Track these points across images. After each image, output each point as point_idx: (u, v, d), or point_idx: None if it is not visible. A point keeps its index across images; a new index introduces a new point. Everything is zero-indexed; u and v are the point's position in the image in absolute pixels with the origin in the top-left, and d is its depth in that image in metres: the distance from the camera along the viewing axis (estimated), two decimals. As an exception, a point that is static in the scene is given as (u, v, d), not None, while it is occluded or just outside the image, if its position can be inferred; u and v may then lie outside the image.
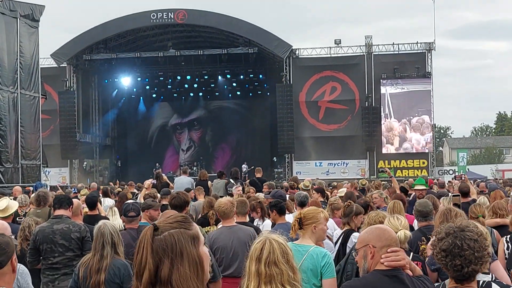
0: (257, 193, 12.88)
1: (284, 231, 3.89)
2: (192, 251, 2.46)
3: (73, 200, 8.00)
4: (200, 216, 10.02)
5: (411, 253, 5.26)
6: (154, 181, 15.51)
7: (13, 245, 3.46)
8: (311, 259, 5.12)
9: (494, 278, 3.91)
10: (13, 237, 5.71)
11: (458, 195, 6.30)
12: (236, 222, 7.40)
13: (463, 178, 15.23)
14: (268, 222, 9.21)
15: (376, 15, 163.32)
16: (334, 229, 8.42)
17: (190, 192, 13.51)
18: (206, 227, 8.75)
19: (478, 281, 3.82)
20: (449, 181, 24.04)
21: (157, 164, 41.35)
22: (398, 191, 12.53)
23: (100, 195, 14.43)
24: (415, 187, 12.40)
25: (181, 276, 2.40)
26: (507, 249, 6.23)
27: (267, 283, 3.29)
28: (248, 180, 17.42)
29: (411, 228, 7.08)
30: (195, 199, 12.94)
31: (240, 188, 14.08)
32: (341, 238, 7.43)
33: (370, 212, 6.82)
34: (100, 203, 11.33)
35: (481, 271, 3.15)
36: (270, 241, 3.43)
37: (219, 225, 8.07)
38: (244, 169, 37.43)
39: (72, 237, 7.07)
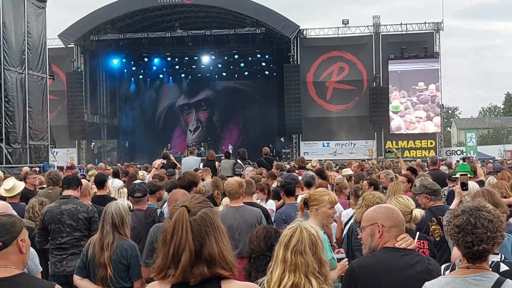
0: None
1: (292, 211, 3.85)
2: (222, 225, 2.69)
3: (82, 180, 7.99)
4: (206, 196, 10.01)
5: (418, 233, 5.18)
6: (164, 161, 15.30)
7: (21, 226, 3.41)
8: None
9: (503, 258, 3.90)
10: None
11: (466, 174, 6.19)
12: (243, 203, 7.37)
13: (471, 160, 15.16)
14: (271, 202, 9.22)
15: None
16: (339, 210, 8.35)
17: (198, 172, 13.48)
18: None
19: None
20: (457, 161, 23.99)
21: (168, 144, 41.35)
22: (404, 172, 12.27)
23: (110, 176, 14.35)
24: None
25: (226, 248, 2.64)
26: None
27: (291, 271, 3.24)
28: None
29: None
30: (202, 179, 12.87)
31: (254, 172, 14.03)
32: (353, 218, 7.38)
33: (366, 193, 6.72)
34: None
35: (492, 251, 3.13)
36: (301, 230, 3.35)
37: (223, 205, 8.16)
38: (230, 151, 37.07)
39: (79, 217, 7.09)
